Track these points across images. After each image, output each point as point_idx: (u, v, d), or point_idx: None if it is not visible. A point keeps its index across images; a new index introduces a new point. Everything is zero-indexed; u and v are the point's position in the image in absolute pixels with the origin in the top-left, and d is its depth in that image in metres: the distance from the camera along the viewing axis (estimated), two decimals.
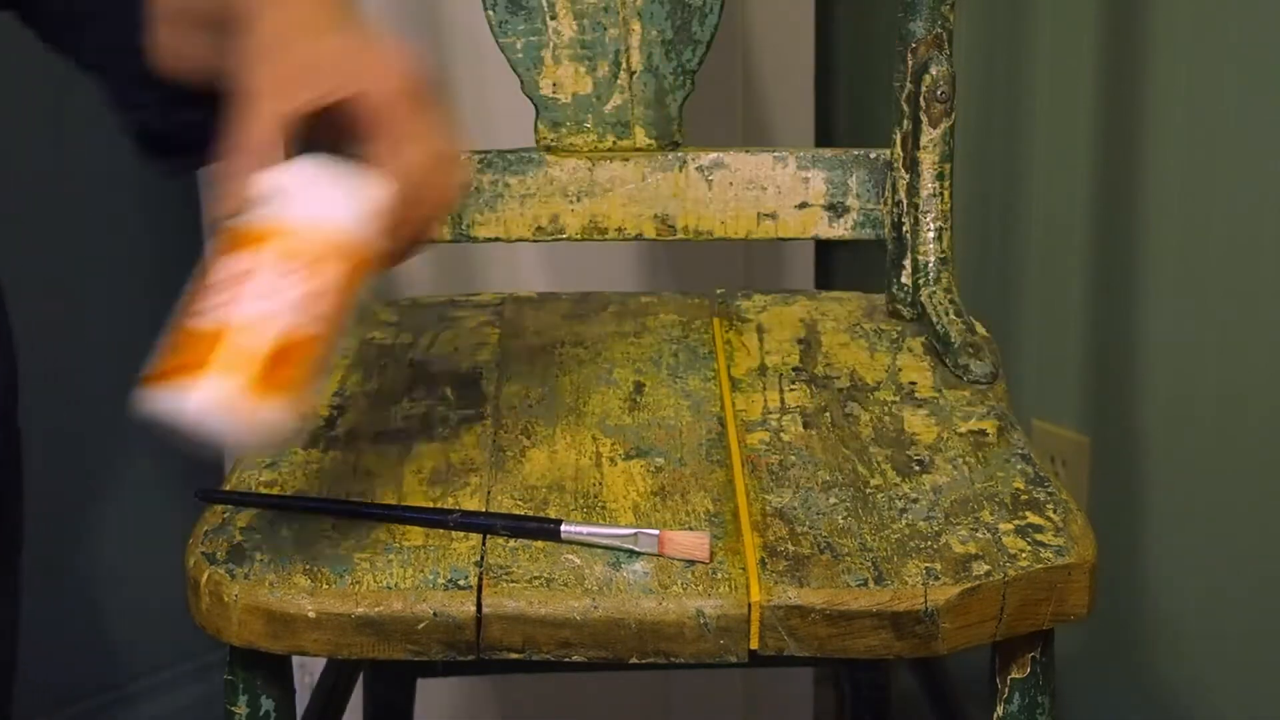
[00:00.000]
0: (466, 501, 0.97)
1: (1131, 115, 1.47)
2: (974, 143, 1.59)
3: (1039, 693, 0.95)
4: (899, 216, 1.21)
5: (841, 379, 1.12)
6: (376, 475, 1.00)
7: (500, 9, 1.20)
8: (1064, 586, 0.91)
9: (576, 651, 0.89)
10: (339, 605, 0.89)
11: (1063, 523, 0.95)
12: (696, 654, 0.89)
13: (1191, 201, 1.44)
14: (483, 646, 0.89)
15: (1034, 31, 1.56)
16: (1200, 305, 1.45)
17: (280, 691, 0.96)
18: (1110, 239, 1.53)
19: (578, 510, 0.96)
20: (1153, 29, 1.44)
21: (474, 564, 0.91)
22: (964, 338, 1.14)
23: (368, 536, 0.94)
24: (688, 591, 0.89)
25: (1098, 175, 1.53)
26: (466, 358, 1.16)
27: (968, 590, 0.89)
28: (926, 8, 1.18)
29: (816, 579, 0.89)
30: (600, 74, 1.21)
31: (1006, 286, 1.63)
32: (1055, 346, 1.60)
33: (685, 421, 1.06)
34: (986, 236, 1.64)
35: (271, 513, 0.96)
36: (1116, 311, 1.53)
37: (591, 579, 0.90)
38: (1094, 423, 1.58)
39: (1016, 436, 1.05)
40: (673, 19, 1.21)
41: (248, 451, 1.02)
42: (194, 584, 0.92)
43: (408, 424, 1.06)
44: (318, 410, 1.08)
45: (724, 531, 0.94)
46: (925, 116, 1.18)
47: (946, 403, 1.09)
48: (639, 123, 1.22)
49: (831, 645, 0.89)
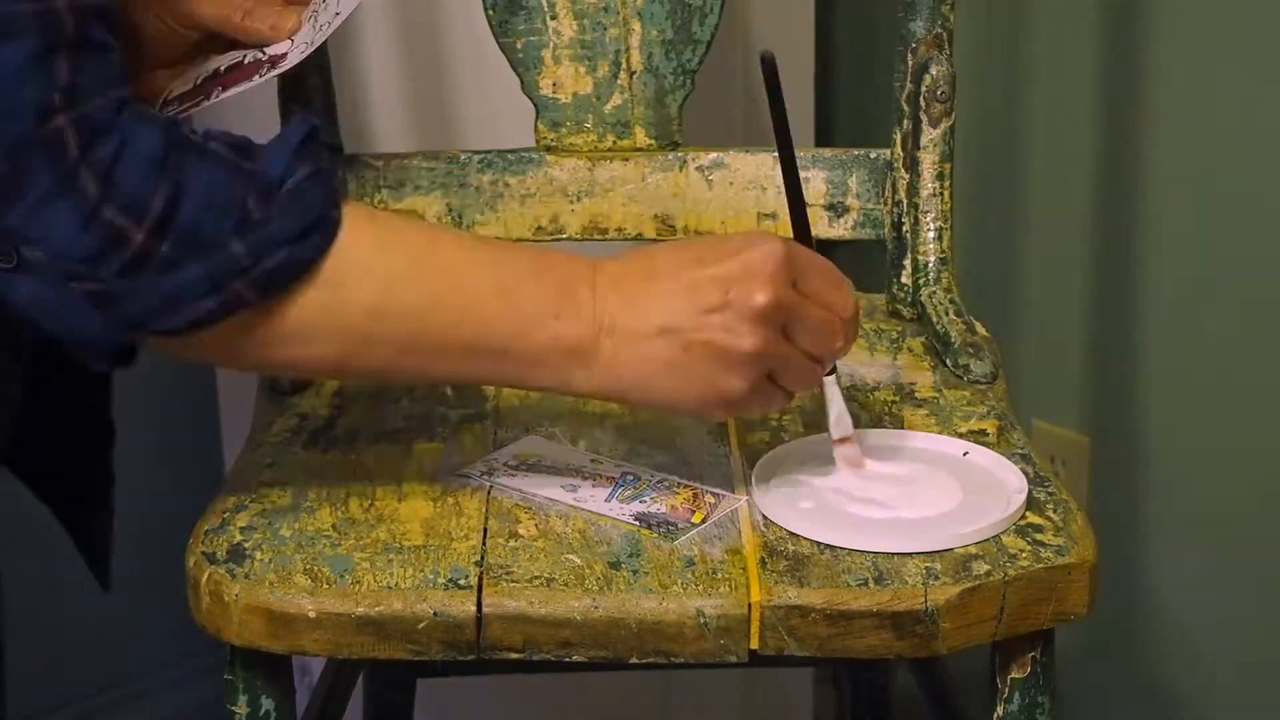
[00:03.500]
0: (467, 501, 0.97)
1: (1131, 115, 1.47)
2: (974, 143, 1.59)
3: (1039, 693, 0.95)
4: (899, 216, 1.21)
5: (841, 379, 1.12)
6: (376, 476, 1.00)
7: (500, 9, 1.20)
8: (1064, 586, 0.92)
9: (577, 651, 0.89)
10: (339, 605, 0.89)
11: (1063, 523, 0.95)
12: (696, 654, 0.89)
13: (1191, 202, 1.44)
14: (483, 646, 0.89)
15: (1034, 31, 1.56)
16: (1200, 305, 1.45)
17: (280, 691, 0.96)
18: (1110, 239, 1.53)
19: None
20: (1153, 29, 1.44)
21: (474, 564, 0.91)
22: (964, 338, 1.14)
23: (368, 536, 0.94)
24: (688, 591, 0.89)
25: (1098, 175, 1.53)
26: None
27: (968, 590, 0.89)
28: (926, 8, 1.18)
29: (816, 579, 0.89)
30: (600, 74, 1.21)
31: (1006, 286, 1.63)
32: (1055, 346, 1.60)
33: (685, 421, 1.06)
34: (986, 236, 1.64)
35: (271, 512, 0.96)
36: (1116, 312, 1.53)
37: (592, 579, 0.90)
38: (1094, 423, 1.58)
39: (1016, 436, 1.05)
40: (673, 19, 1.21)
41: None
42: (194, 583, 0.92)
43: (408, 424, 1.06)
44: (318, 410, 1.08)
45: (724, 532, 0.94)
46: (925, 116, 1.18)
47: (946, 403, 1.09)
48: (639, 123, 1.22)
49: (832, 645, 0.89)
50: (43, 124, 0.80)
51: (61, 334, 0.85)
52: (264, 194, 0.85)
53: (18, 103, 0.80)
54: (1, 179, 0.80)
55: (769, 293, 0.90)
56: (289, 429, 1.06)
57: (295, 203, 0.86)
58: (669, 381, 0.91)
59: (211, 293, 0.85)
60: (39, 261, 0.82)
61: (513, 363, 0.91)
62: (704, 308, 0.90)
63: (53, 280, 0.82)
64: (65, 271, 0.82)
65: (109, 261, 0.82)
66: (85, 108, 0.81)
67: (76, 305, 0.83)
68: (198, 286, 0.84)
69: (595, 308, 0.91)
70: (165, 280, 0.83)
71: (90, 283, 0.82)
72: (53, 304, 0.83)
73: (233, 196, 0.85)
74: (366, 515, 0.96)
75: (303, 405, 1.09)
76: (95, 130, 0.82)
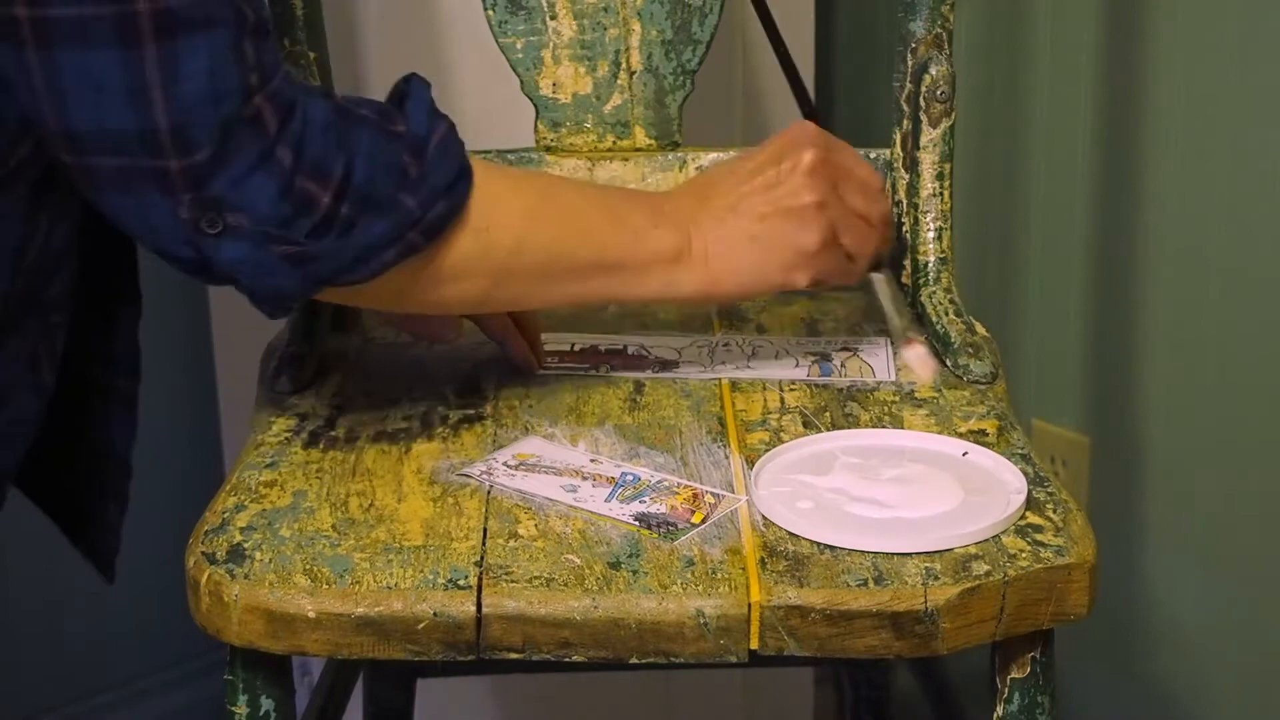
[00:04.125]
0: (466, 501, 0.97)
1: (1131, 115, 1.47)
2: (974, 143, 1.59)
3: (1039, 693, 0.95)
4: (899, 216, 1.21)
5: (841, 379, 1.12)
6: (376, 475, 1.00)
7: (500, 9, 1.20)
8: (1064, 586, 0.91)
9: (576, 651, 0.89)
10: (339, 605, 0.89)
11: (1063, 523, 0.95)
12: (697, 654, 0.89)
13: (1191, 201, 1.44)
14: (483, 646, 0.89)
15: (1034, 31, 1.56)
16: (1200, 305, 1.45)
17: (280, 691, 0.96)
18: (1110, 240, 1.53)
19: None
20: (1153, 29, 1.44)
21: (474, 564, 0.91)
22: (964, 338, 1.14)
23: (367, 536, 0.94)
24: (688, 591, 0.89)
25: (1098, 175, 1.53)
26: (466, 358, 1.16)
27: (968, 590, 0.89)
28: (926, 8, 1.18)
29: (816, 579, 0.89)
30: (600, 74, 1.21)
31: (1006, 286, 1.63)
32: (1055, 346, 1.60)
33: (685, 421, 1.06)
34: (986, 236, 1.64)
35: (271, 512, 0.96)
36: (1116, 312, 1.53)
37: (591, 579, 0.90)
38: (1094, 423, 1.58)
39: (1016, 436, 1.05)
40: (673, 19, 1.21)
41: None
42: (194, 584, 0.92)
43: (407, 424, 1.06)
44: (318, 410, 1.08)
45: (723, 532, 0.94)
46: (925, 116, 1.18)
47: (946, 403, 1.09)
48: (639, 123, 1.22)
49: (831, 645, 0.89)
50: (247, 103, 0.88)
51: (259, 290, 0.93)
52: (416, 152, 0.95)
53: (227, 86, 0.87)
54: (213, 154, 0.87)
55: (815, 153, 1.06)
56: (289, 429, 1.06)
57: (443, 156, 0.96)
58: (754, 255, 1.05)
59: (392, 244, 0.94)
60: (242, 226, 0.90)
61: (628, 274, 1.03)
62: (765, 185, 1.05)
63: (254, 243, 0.90)
64: (266, 235, 0.90)
65: (301, 224, 0.91)
66: (273, 86, 0.90)
67: (276, 265, 0.91)
68: (383, 239, 0.93)
69: (680, 215, 1.05)
70: (352, 238, 0.92)
71: (288, 245, 0.91)
72: (255, 265, 0.91)
73: (392, 157, 0.94)
74: (366, 515, 0.96)
75: (303, 405, 1.09)
76: (286, 106, 0.90)
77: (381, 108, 0.96)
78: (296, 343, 1.13)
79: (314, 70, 1.18)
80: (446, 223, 0.96)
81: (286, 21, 1.18)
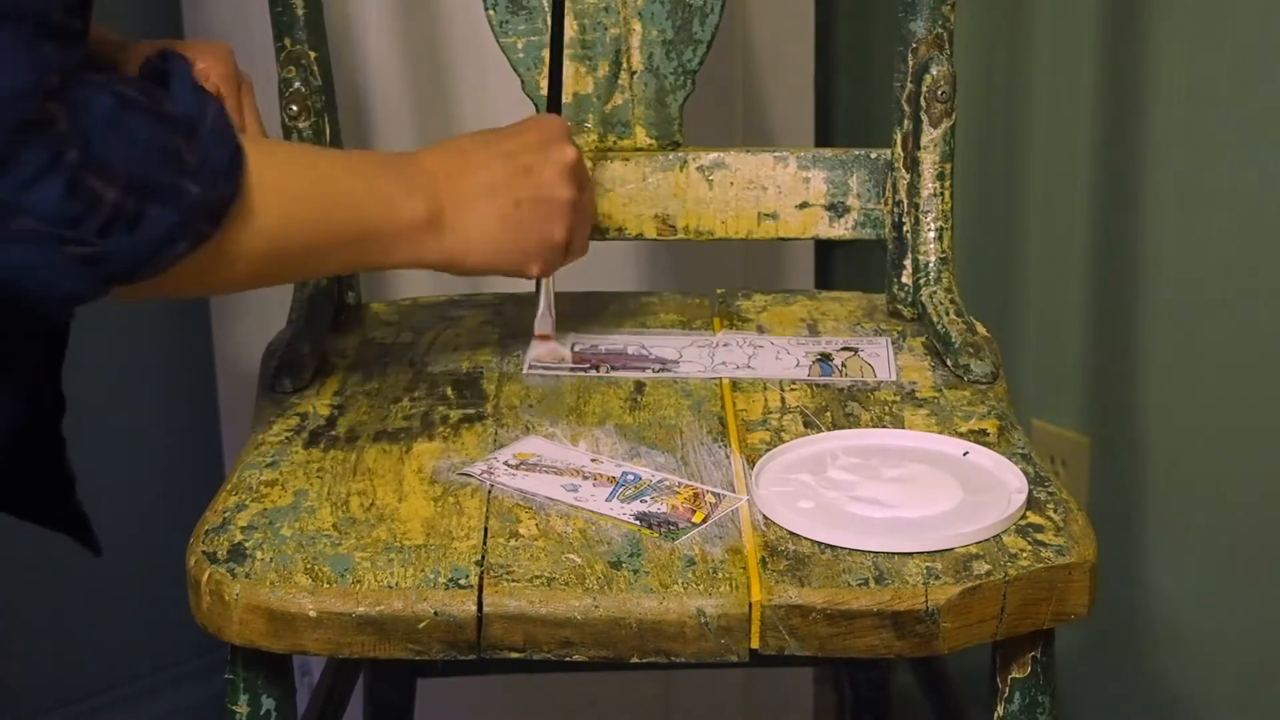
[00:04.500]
0: (467, 501, 0.97)
1: (1131, 115, 1.47)
2: (974, 143, 1.59)
3: (1039, 692, 0.95)
4: (899, 216, 1.21)
5: (842, 379, 1.12)
6: (376, 475, 1.00)
7: (500, 9, 1.20)
8: (1064, 586, 0.92)
9: (577, 651, 0.89)
10: (340, 605, 0.89)
11: (1063, 522, 0.95)
12: (697, 653, 0.89)
13: (1191, 202, 1.44)
14: (483, 646, 0.89)
15: (1034, 31, 1.56)
16: (1200, 306, 1.45)
17: (281, 691, 0.96)
18: (1110, 240, 1.53)
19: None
20: (1153, 29, 1.44)
21: (475, 563, 0.91)
22: (964, 338, 1.14)
23: (368, 536, 0.94)
24: (688, 591, 0.89)
25: (1098, 175, 1.53)
26: (466, 358, 1.16)
27: (968, 590, 0.89)
28: (926, 8, 1.18)
29: (817, 578, 0.89)
30: (601, 74, 1.21)
31: (1006, 286, 1.63)
32: (1055, 346, 1.60)
33: (686, 421, 1.06)
34: (986, 236, 1.64)
35: (272, 512, 0.96)
36: (1116, 312, 1.53)
37: (592, 578, 0.90)
38: (1094, 423, 1.58)
39: (1016, 436, 1.05)
40: (673, 19, 1.21)
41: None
42: (195, 583, 0.92)
43: (408, 424, 1.06)
44: (318, 410, 1.08)
45: (724, 532, 0.94)
46: (925, 116, 1.18)
47: (947, 403, 1.09)
48: (639, 122, 1.22)
49: (832, 644, 0.89)
50: (41, 105, 0.84)
51: (52, 296, 0.88)
52: (189, 134, 0.90)
53: (16, 87, 0.83)
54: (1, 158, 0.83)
55: (575, 151, 1.08)
56: (289, 429, 1.06)
57: (216, 138, 0.91)
58: (505, 236, 1.05)
59: (183, 235, 0.90)
60: (29, 229, 0.85)
61: (382, 241, 1.01)
62: (521, 170, 1.06)
63: (45, 247, 0.85)
64: (57, 238, 0.85)
65: (90, 222, 0.86)
66: (70, 87, 0.85)
67: (68, 267, 0.87)
68: (172, 231, 0.89)
69: (433, 184, 1.03)
70: (141, 231, 0.88)
71: (80, 245, 0.86)
72: (48, 269, 0.86)
73: (166, 143, 0.89)
74: (367, 515, 0.96)
75: (303, 405, 1.09)
76: (78, 103, 0.86)
77: (147, 88, 0.91)
78: (297, 343, 1.13)
79: (314, 70, 1.18)
80: (227, 204, 0.92)
81: (287, 21, 1.18)
